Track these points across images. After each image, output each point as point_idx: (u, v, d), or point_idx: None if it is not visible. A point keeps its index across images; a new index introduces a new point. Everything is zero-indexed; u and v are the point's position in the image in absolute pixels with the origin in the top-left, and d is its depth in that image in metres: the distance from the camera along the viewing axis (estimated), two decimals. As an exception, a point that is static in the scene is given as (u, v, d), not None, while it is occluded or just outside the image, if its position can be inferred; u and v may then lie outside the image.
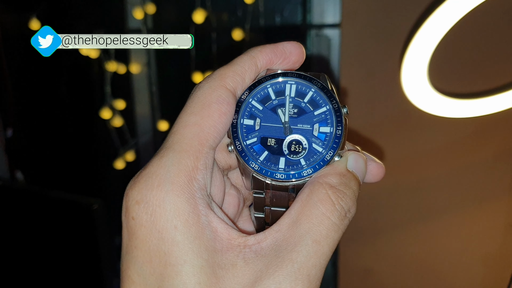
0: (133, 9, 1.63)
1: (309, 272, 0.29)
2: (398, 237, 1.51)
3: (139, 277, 0.30)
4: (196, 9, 1.54)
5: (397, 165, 1.45)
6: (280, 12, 1.62)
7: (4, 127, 1.94)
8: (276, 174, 0.35)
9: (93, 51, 1.67)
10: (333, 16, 1.55)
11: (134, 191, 0.31)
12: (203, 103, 0.33)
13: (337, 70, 1.57)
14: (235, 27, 1.55)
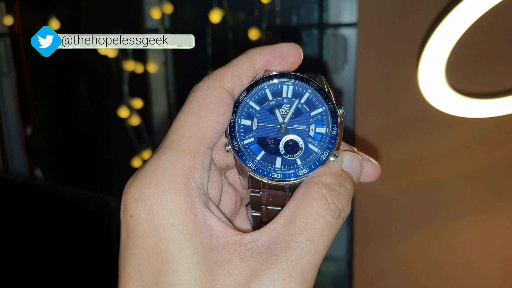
0: (151, 8, 1.64)
1: (303, 269, 0.30)
2: (413, 238, 1.50)
3: (137, 274, 0.30)
4: (213, 8, 1.54)
5: (413, 166, 1.44)
6: (297, 11, 1.62)
7: (24, 125, 1.97)
8: (272, 173, 0.36)
9: (111, 51, 1.69)
10: (350, 15, 1.54)
11: (132, 189, 0.32)
12: (201, 104, 0.34)
13: (353, 70, 1.57)
14: (251, 26, 1.55)
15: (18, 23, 1.85)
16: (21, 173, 1.99)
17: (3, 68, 1.94)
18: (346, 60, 1.59)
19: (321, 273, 1.54)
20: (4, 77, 1.95)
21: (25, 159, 1.99)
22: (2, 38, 1.91)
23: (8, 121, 1.98)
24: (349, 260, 1.57)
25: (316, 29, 1.61)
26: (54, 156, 2.02)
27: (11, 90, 1.96)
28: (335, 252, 1.54)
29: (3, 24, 1.85)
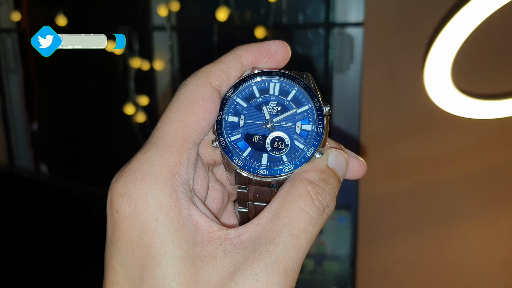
0: (158, 6, 1.65)
1: (286, 264, 0.30)
2: (417, 238, 1.50)
3: (122, 268, 0.31)
4: (219, 7, 1.54)
5: (418, 166, 1.44)
6: (303, 10, 1.62)
7: (30, 121, 1.98)
8: (258, 170, 0.36)
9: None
10: (357, 14, 1.54)
11: (118, 184, 0.32)
12: (188, 100, 0.34)
13: (359, 69, 1.57)
14: (258, 25, 1.55)
15: (25, 19, 1.86)
16: (27, 168, 2.00)
17: (10, 64, 1.95)
18: (352, 59, 1.58)
19: (324, 273, 1.54)
20: (11, 73, 1.96)
21: (31, 155, 2.00)
22: (9, 34, 1.92)
23: (15, 116, 1.99)
24: (353, 259, 1.57)
25: (322, 28, 1.61)
26: (59, 151, 2.03)
27: (18, 86, 1.97)
28: (338, 251, 1.54)
29: (10, 20, 1.86)
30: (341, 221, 1.55)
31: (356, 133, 1.61)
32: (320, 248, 1.57)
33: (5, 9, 1.88)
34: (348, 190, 1.69)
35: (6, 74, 1.94)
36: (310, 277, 1.57)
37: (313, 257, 1.57)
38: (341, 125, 1.66)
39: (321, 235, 1.56)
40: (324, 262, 1.56)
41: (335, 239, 1.55)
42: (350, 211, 1.54)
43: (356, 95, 1.61)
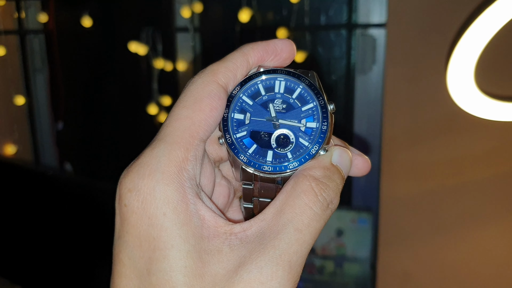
0: (181, 8, 1.66)
1: (290, 258, 0.31)
2: (439, 241, 1.48)
3: (130, 260, 0.31)
4: (242, 8, 1.55)
5: (441, 168, 1.42)
6: (326, 11, 1.62)
7: (55, 120, 2.02)
8: (263, 166, 0.37)
9: (141, 49, 1.72)
10: (379, 15, 1.53)
11: (127, 179, 0.33)
12: (195, 98, 0.35)
13: (382, 71, 1.56)
14: (280, 26, 1.55)
15: (52, 20, 1.90)
16: (52, 166, 2.03)
17: (37, 64, 1.99)
18: (374, 60, 1.58)
19: (344, 274, 1.54)
20: (37, 73, 2.00)
21: (56, 153, 2.04)
22: (36, 35, 1.96)
23: (40, 115, 2.03)
24: (373, 262, 1.56)
25: (344, 29, 1.61)
26: (83, 150, 2.06)
27: (44, 85, 2.01)
28: (358, 253, 1.54)
29: (38, 21, 1.90)
30: (361, 223, 1.54)
31: (378, 134, 1.60)
32: (340, 250, 1.56)
33: (32, 10, 1.92)
34: (369, 192, 1.68)
35: (33, 74, 1.98)
36: (330, 278, 1.56)
37: (333, 258, 1.56)
38: (363, 126, 1.65)
39: (341, 237, 1.56)
40: (344, 264, 1.56)
41: (356, 241, 1.54)
42: (371, 213, 1.54)
43: (378, 96, 1.60)
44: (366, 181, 1.68)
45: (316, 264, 1.59)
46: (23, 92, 1.95)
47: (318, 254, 1.58)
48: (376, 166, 1.62)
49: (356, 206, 1.68)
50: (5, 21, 1.88)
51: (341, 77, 1.67)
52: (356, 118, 1.66)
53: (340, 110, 1.68)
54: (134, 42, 1.72)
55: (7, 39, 1.88)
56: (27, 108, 1.97)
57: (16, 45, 1.93)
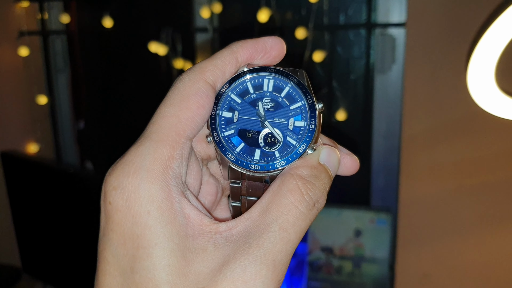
0: (200, 8, 1.68)
1: (275, 257, 0.30)
2: (458, 243, 1.46)
3: (114, 258, 0.31)
4: (261, 8, 1.56)
5: (460, 168, 1.41)
6: (345, 10, 1.62)
7: (77, 120, 2.05)
8: (251, 165, 0.36)
9: (161, 49, 1.73)
10: (399, 15, 1.52)
11: (111, 177, 0.32)
12: (182, 95, 0.34)
13: (401, 70, 1.55)
14: (298, 25, 1.55)
15: (74, 21, 1.93)
16: (73, 164, 2.06)
17: (59, 64, 2.02)
18: (394, 60, 1.57)
19: (362, 275, 1.53)
20: (59, 73, 2.03)
21: (77, 151, 2.07)
22: (59, 36, 1.99)
23: (62, 115, 2.06)
24: (391, 262, 1.55)
25: (364, 29, 1.60)
26: (104, 149, 2.08)
27: (66, 85, 2.04)
28: (377, 254, 1.53)
29: (60, 22, 1.93)
30: (380, 224, 1.53)
31: (397, 135, 1.59)
32: (358, 251, 1.55)
33: (55, 12, 1.95)
34: (388, 192, 1.67)
35: (55, 74, 2.02)
36: (348, 279, 1.56)
37: (352, 259, 1.56)
38: (382, 126, 1.65)
39: (359, 237, 1.55)
40: (363, 264, 1.55)
41: (374, 241, 1.54)
42: (389, 214, 1.53)
43: (397, 96, 1.59)
44: (385, 182, 1.67)
45: (334, 265, 1.58)
46: (45, 91, 1.98)
47: (336, 254, 1.58)
48: (395, 166, 1.61)
49: (375, 207, 1.67)
50: (28, 22, 1.91)
51: (360, 77, 1.66)
52: (375, 118, 1.65)
53: (359, 110, 1.68)
54: (154, 42, 1.73)
55: (30, 40, 1.92)
56: (49, 107, 2.00)
57: (39, 45, 1.96)
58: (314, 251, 1.60)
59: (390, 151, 1.65)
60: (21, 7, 1.89)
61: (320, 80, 1.65)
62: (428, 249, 1.50)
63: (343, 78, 1.67)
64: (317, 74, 1.64)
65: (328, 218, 1.58)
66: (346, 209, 1.57)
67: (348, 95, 1.66)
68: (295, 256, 1.76)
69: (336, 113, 1.62)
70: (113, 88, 2.03)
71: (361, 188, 1.75)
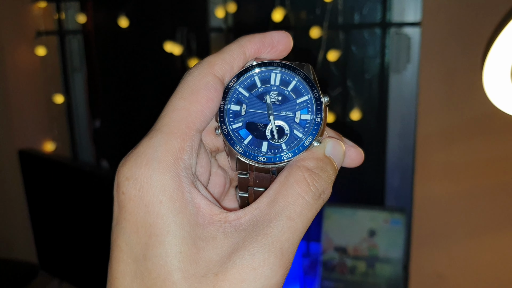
0: (215, 8, 1.68)
1: (282, 245, 0.31)
2: (474, 243, 1.45)
3: (127, 246, 0.32)
4: (275, 7, 1.56)
5: (475, 169, 1.39)
6: (360, 10, 1.61)
7: (93, 118, 2.07)
8: (258, 157, 0.37)
9: (177, 49, 1.75)
10: (414, 14, 1.51)
11: (124, 168, 0.34)
12: (192, 89, 0.36)
13: (416, 70, 1.54)
14: (313, 25, 1.55)
15: (90, 21, 1.95)
16: (89, 162, 2.08)
17: (76, 64, 2.04)
18: (409, 59, 1.56)
19: (376, 275, 1.53)
20: (76, 72, 2.05)
21: (93, 150, 2.09)
22: (75, 36, 2.01)
23: (79, 113, 2.08)
24: (406, 263, 1.54)
25: (378, 28, 1.60)
26: (119, 148, 2.10)
27: (82, 85, 2.06)
28: (391, 254, 1.52)
29: (77, 22, 1.96)
30: (394, 224, 1.52)
31: (412, 134, 1.58)
32: (372, 251, 1.55)
33: (72, 12, 1.97)
34: (402, 192, 1.66)
35: (71, 74, 2.04)
36: (362, 279, 1.56)
37: (365, 259, 1.56)
38: (397, 125, 1.64)
39: (374, 237, 1.55)
40: (376, 264, 1.54)
41: (388, 241, 1.53)
42: (404, 214, 1.52)
43: (412, 95, 1.58)
44: (400, 181, 1.67)
45: (348, 264, 1.58)
46: (62, 91, 2.01)
47: (350, 254, 1.58)
48: (410, 166, 1.60)
49: (389, 207, 1.66)
50: (46, 22, 1.94)
51: (375, 76, 1.66)
52: (390, 117, 1.64)
53: (373, 110, 1.67)
54: (169, 42, 1.74)
55: (47, 40, 1.94)
56: (66, 107, 2.03)
57: (56, 45, 1.99)
58: (327, 251, 1.60)
59: (405, 150, 1.64)
60: (39, 8, 1.91)
61: (334, 80, 1.65)
62: (442, 250, 1.49)
63: (358, 77, 1.67)
64: (332, 73, 1.64)
65: (342, 218, 1.58)
66: (360, 209, 1.56)
67: (363, 94, 1.66)
68: (309, 255, 1.76)
69: (351, 112, 1.62)
70: (129, 87, 2.04)
71: (375, 188, 1.74)
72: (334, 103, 1.67)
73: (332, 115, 1.63)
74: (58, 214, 1.71)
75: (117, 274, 0.33)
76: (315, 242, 1.75)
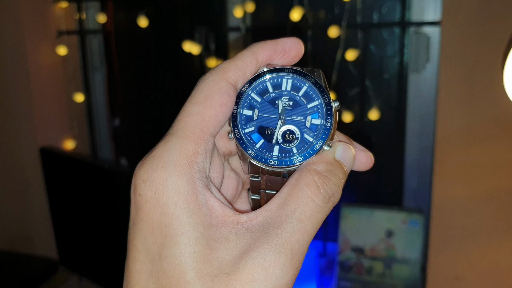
0: (234, 7, 1.69)
1: (293, 246, 0.32)
2: (492, 245, 1.43)
3: (143, 246, 0.33)
4: (293, 7, 1.56)
5: (495, 170, 1.38)
6: (378, 9, 1.60)
7: (112, 117, 2.10)
8: (270, 160, 0.38)
9: (195, 48, 1.76)
10: (434, 13, 1.50)
11: (141, 171, 0.35)
12: (206, 94, 0.36)
13: (435, 69, 1.53)
14: (331, 24, 1.55)
15: (110, 21, 1.97)
16: (108, 160, 2.11)
17: (96, 63, 2.07)
18: (428, 59, 1.55)
19: (393, 276, 1.52)
20: (96, 71, 2.08)
21: (112, 148, 2.12)
22: (95, 35, 2.03)
23: (98, 112, 2.11)
24: (423, 264, 1.53)
25: (397, 27, 1.59)
26: (138, 146, 2.12)
27: (102, 84, 2.09)
28: (409, 255, 1.51)
29: (97, 22, 1.98)
30: (412, 225, 1.51)
31: (431, 135, 1.57)
32: (390, 251, 1.54)
33: (92, 12, 2.00)
34: (420, 193, 1.65)
35: (91, 73, 2.07)
36: (379, 280, 1.55)
37: (383, 259, 1.55)
38: (415, 126, 1.63)
39: (391, 238, 1.54)
40: (394, 265, 1.54)
41: (406, 242, 1.52)
42: (422, 215, 1.51)
43: (432, 95, 1.57)
44: (418, 182, 1.65)
45: (364, 265, 1.57)
46: (82, 89, 2.03)
47: (367, 254, 1.57)
48: (428, 166, 1.59)
49: (407, 207, 1.65)
50: (67, 22, 1.97)
51: (393, 76, 1.65)
52: (409, 118, 1.63)
53: (392, 110, 1.66)
54: (188, 41, 1.76)
55: (68, 39, 1.97)
56: (86, 105, 2.05)
57: (76, 44, 2.01)
58: (344, 251, 1.59)
59: (424, 151, 1.63)
60: (60, 8, 1.94)
61: (353, 79, 1.64)
62: (461, 252, 1.48)
63: (377, 77, 1.66)
64: (350, 72, 1.63)
65: (360, 218, 1.57)
66: (377, 209, 1.56)
67: (382, 94, 1.65)
68: (326, 255, 1.76)
69: (369, 112, 1.61)
70: (148, 86, 2.06)
71: (393, 188, 1.73)
72: (352, 103, 1.66)
73: (350, 114, 1.62)
74: (78, 211, 1.73)
75: (133, 273, 0.34)
76: (332, 242, 1.74)
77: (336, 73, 1.58)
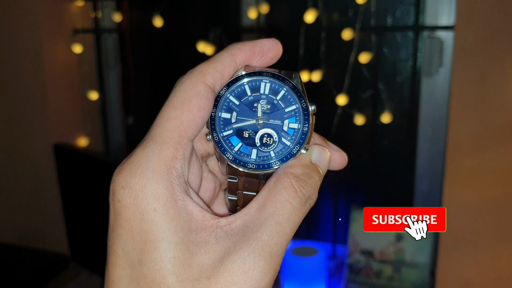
0: (248, 8, 1.70)
1: (271, 249, 0.33)
2: (503, 251, 1.43)
3: (123, 252, 0.34)
4: (308, 9, 1.57)
5: (507, 175, 1.37)
6: (392, 12, 1.60)
7: (126, 115, 2.11)
8: (248, 164, 0.38)
9: (209, 48, 1.77)
10: (448, 17, 1.50)
11: (120, 177, 0.35)
12: (184, 98, 0.36)
13: (448, 74, 1.52)
14: (345, 27, 1.55)
15: (126, 20, 1.99)
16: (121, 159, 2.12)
17: (110, 61, 2.08)
18: (441, 63, 1.55)
19: (402, 280, 1.52)
20: (110, 70, 2.09)
21: (125, 146, 2.14)
22: (110, 34, 2.05)
23: (112, 110, 2.12)
24: (432, 268, 1.53)
25: (411, 31, 1.59)
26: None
27: (116, 82, 2.11)
28: (418, 259, 1.51)
29: (112, 20, 2.00)
30: (422, 229, 1.51)
31: (443, 139, 1.56)
32: (399, 255, 1.54)
33: (108, 11, 2.01)
34: (431, 197, 1.65)
35: (106, 71, 2.08)
36: (387, 283, 1.55)
37: (392, 263, 1.55)
38: (427, 130, 1.62)
39: (400, 241, 1.54)
40: (403, 269, 1.53)
41: (415, 246, 1.52)
42: (432, 219, 1.50)
43: (444, 99, 1.56)
44: (429, 186, 1.65)
45: (373, 268, 1.57)
46: (96, 88, 2.05)
47: (376, 258, 1.57)
48: (439, 171, 1.58)
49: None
50: (82, 20, 1.98)
51: (406, 80, 1.65)
52: (421, 121, 1.63)
53: (404, 113, 1.66)
54: (202, 42, 1.77)
55: (84, 38, 1.99)
56: (100, 103, 2.07)
57: (92, 43, 2.03)
58: (354, 254, 1.60)
59: (435, 155, 1.62)
60: (76, 6, 1.96)
61: (366, 82, 1.64)
62: (470, 257, 1.47)
63: (389, 80, 1.66)
64: (363, 75, 1.63)
65: (369, 221, 1.57)
66: (387, 212, 1.55)
67: (394, 97, 1.65)
68: (335, 258, 1.76)
69: (381, 115, 1.61)
70: (162, 85, 2.08)
71: (404, 192, 1.73)
72: (364, 106, 1.66)
73: (362, 117, 1.62)
74: (90, 208, 1.75)
75: (113, 278, 0.34)
76: (341, 245, 1.74)
77: (349, 76, 1.58)
